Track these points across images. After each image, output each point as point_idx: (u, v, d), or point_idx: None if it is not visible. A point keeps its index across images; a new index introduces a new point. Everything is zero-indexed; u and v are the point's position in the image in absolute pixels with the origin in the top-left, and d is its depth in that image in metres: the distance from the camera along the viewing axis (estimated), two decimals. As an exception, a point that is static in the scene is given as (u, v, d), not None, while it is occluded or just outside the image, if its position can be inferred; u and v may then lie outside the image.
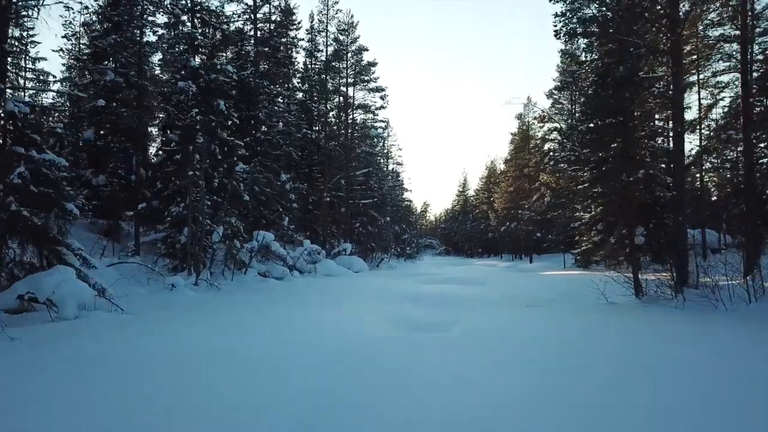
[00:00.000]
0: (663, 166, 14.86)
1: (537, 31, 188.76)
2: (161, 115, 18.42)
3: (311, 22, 29.60)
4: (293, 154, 24.95)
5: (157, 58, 22.62)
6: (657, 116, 13.64)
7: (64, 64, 24.58)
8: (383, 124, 30.79)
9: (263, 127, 22.75)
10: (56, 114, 26.64)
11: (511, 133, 46.41)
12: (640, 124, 12.06)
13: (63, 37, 23.47)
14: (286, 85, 27.83)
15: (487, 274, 23.13)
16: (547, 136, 34.09)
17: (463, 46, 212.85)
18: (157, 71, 23.36)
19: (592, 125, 12.75)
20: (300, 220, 27.59)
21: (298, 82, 31.13)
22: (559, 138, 32.89)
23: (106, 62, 15.63)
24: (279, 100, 26.80)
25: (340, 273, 19.43)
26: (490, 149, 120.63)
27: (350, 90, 29.08)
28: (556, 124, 33.66)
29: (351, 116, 29.08)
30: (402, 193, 52.74)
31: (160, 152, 17.41)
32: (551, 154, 34.34)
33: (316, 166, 26.72)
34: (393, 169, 53.61)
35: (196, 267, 13.53)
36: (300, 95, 28.93)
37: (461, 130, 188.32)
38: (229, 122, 17.59)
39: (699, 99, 16.24)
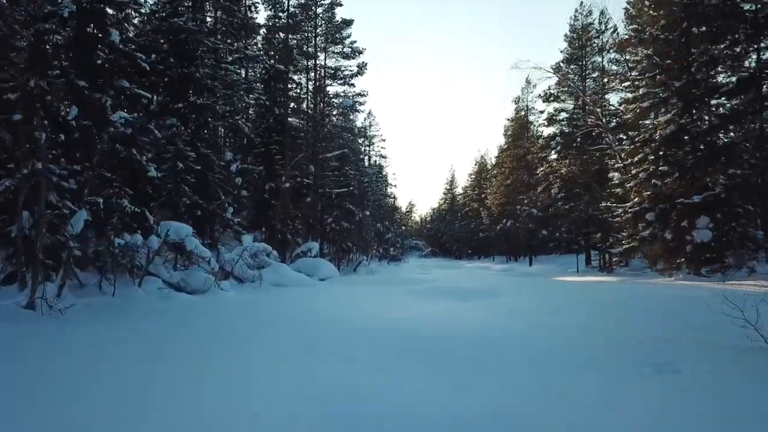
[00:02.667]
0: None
1: (529, 31, 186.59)
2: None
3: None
4: (244, 127, 19.45)
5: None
6: None
7: None
8: (362, 99, 25.33)
9: (205, 92, 17.35)
10: None
11: (507, 119, 41.56)
12: None
13: None
14: (242, 42, 22.33)
15: (491, 281, 17.86)
16: (554, 117, 29.12)
17: (449, 44, 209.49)
18: None
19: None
20: (256, 212, 22.12)
21: (260, 50, 25.73)
22: (568, 116, 28.02)
23: None
24: (231, 66, 21.40)
25: (296, 282, 14.05)
26: (480, 145, 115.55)
27: (321, 55, 23.69)
28: (564, 104, 28.79)
29: (321, 83, 23.62)
30: (386, 188, 47.49)
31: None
32: (558, 138, 29.40)
33: (276, 145, 21.21)
34: (376, 161, 48.45)
35: (35, 275, 8.05)
36: (259, 68, 23.40)
37: (446, 130, 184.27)
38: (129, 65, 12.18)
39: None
